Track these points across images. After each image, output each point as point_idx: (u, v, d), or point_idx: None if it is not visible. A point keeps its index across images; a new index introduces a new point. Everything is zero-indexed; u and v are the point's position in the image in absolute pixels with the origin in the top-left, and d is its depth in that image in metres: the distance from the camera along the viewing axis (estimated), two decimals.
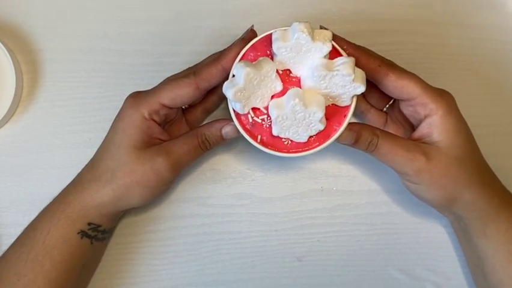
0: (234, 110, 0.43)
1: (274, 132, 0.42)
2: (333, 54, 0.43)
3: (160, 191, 0.45)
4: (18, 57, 0.51)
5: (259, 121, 0.43)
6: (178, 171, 0.45)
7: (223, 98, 0.49)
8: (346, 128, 0.43)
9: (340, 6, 0.52)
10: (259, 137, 0.43)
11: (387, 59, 0.45)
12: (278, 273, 0.50)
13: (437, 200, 0.44)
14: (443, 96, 0.43)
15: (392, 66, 0.44)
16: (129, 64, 0.51)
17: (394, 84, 0.43)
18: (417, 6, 0.53)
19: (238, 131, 0.44)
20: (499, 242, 0.44)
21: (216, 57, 0.44)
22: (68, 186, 0.45)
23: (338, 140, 0.43)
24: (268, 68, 0.41)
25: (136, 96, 0.44)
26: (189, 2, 0.52)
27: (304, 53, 0.41)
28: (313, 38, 0.40)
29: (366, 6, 0.53)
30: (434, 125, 0.43)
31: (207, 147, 0.46)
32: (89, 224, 0.44)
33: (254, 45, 0.43)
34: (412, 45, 0.52)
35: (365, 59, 0.44)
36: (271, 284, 0.50)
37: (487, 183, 0.44)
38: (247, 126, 0.43)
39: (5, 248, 0.49)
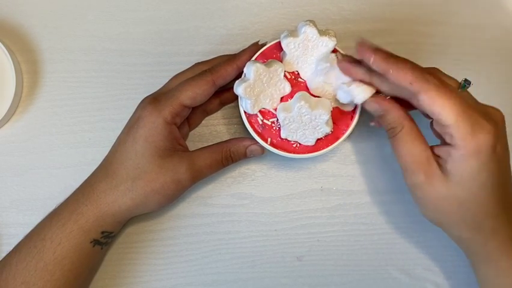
0: (245, 112, 0.44)
1: (283, 135, 0.44)
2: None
3: (175, 198, 0.46)
4: (18, 57, 0.51)
5: (269, 123, 0.44)
6: (197, 181, 0.45)
7: (224, 104, 0.50)
8: (375, 100, 0.40)
9: (340, 6, 0.52)
10: (269, 139, 0.44)
11: (422, 70, 0.39)
12: (278, 273, 0.50)
13: (425, 216, 0.43)
14: (478, 133, 0.37)
15: (425, 84, 0.37)
16: (129, 64, 0.51)
17: (425, 108, 0.38)
18: (418, 6, 0.53)
19: (262, 150, 0.46)
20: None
21: (231, 58, 0.45)
22: (77, 194, 0.44)
23: (364, 104, 0.41)
24: (277, 66, 0.42)
25: (155, 102, 0.44)
26: (189, 2, 0.52)
27: (311, 49, 0.43)
28: (319, 33, 0.42)
29: (366, 6, 0.53)
30: (452, 159, 0.39)
31: (228, 163, 0.46)
32: (102, 232, 0.44)
33: (263, 52, 0.45)
34: (412, 46, 0.52)
35: (395, 75, 0.38)
36: (271, 284, 0.50)
37: (482, 230, 0.41)
38: (258, 129, 0.44)
39: (5, 247, 0.49)
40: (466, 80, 0.42)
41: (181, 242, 0.50)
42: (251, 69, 0.41)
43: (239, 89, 0.42)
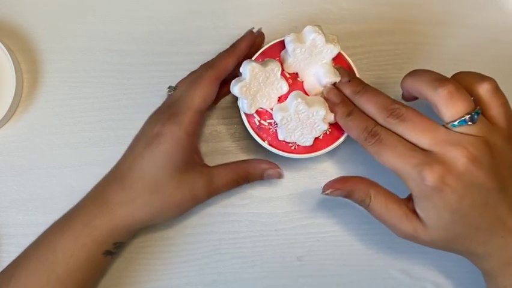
0: (244, 113, 0.44)
1: (280, 137, 0.44)
2: (340, 61, 0.45)
3: (188, 211, 0.46)
4: (18, 57, 0.51)
5: (266, 125, 0.44)
6: (212, 197, 0.46)
7: (222, 96, 0.50)
8: (335, 185, 0.43)
9: (340, 6, 0.52)
10: (266, 141, 0.44)
11: (365, 128, 0.41)
12: (278, 273, 0.50)
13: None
14: (416, 178, 0.38)
15: (364, 145, 0.41)
16: (129, 64, 0.51)
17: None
18: (417, 6, 0.53)
19: (280, 174, 0.47)
20: None
21: (229, 49, 0.46)
22: (89, 206, 0.44)
23: (325, 192, 0.43)
24: (273, 66, 0.42)
25: (173, 117, 0.43)
26: (189, 2, 0.52)
27: (315, 54, 0.43)
28: (326, 40, 0.42)
29: (366, 6, 0.53)
30: (415, 204, 0.40)
31: (244, 183, 0.47)
32: (115, 243, 0.44)
33: (264, 51, 0.45)
34: (412, 45, 0.52)
35: (349, 132, 0.43)
36: (271, 284, 0.50)
37: (475, 255, 0.41)
38: (256, 129, 0.44)
39: (5, 247, 0.49)
40: (475, 113, 0.38)
41: (181, 242, 0.50)
42: (247, 69, 0.41)
43: (235, 88, 0.42)
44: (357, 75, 0.44)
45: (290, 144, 0.44)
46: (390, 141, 0.39)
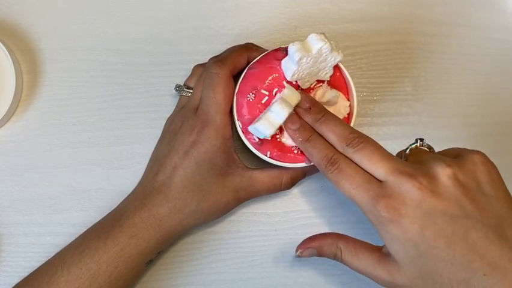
0: (240, 128, 0.43)
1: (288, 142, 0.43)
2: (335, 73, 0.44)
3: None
4: (18, 57, 0.51)
5: (269, 137, 0.43)
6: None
7: None
8: (305, 246, 0.42)
9: (340, 5, 0.52)
10: (268, 153, 0.43)
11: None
12: (278, 272, 0.50)
13: None
14: (375, 213, 0.36)
15: (327, 174, 0.39)
16: (129, 64, 0.51)
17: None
18: (417, 5, 0.53)
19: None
20: None
21: (242, 46, 0.46)
22: (133, 218, 0.43)
23: (297, 254, 0.43)
24: (319, 46, 0.40)
25: (208, 124, 0.43)
26: (189, 2, 0.52)
27: (320, 62, 0.42)
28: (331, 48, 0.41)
29: (366, 6, 0.53)
30: (384, 242, 0.38)
31: (287, 188, 0.47)
32: (159, 252, 0.45)
33: (259, 60, 0.44)
34: (412, 45, 0.52)
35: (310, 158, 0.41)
36: (271, 284, 0.50)
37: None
38: (257, 144, 0.43)
39: (5, 247, 0.49)
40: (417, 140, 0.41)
41: (181, 242, 0.50)
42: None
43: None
44: (352, 86, 0.44)
45: (292, 149, 0.43)
46: (349, 172, 0.38)
